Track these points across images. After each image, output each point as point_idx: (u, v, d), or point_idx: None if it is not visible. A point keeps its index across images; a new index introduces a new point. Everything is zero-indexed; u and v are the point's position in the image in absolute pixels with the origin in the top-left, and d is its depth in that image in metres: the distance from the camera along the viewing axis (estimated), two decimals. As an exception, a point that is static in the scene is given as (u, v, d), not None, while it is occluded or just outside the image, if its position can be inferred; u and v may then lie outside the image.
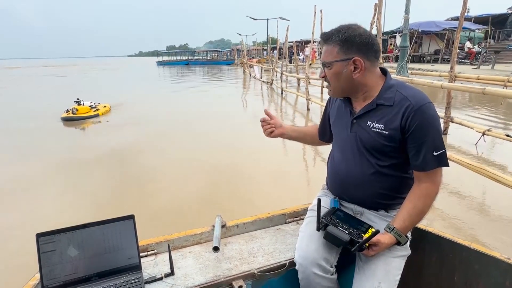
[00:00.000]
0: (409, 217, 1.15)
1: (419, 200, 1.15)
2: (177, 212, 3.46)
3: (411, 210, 1.15)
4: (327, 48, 1.19)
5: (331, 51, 1.18)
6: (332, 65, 1.19)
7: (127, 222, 1.20)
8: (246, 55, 26.55)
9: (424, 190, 1.15)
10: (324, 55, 1.21)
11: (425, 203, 1.15)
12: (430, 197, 1.16)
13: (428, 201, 1.16)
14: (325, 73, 1.23)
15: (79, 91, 13.98)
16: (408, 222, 1.15)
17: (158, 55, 58.89)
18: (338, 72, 1.19)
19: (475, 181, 3.54)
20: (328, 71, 1.21)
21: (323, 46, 1.22)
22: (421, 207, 1.15)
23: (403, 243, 1.10)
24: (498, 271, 1.16)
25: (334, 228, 1.09)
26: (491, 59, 16.14)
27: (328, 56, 1.19)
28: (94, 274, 1.16)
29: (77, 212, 3.48)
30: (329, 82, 1.24)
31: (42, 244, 1.09)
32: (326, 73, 1.23)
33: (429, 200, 1.16)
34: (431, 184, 1.15)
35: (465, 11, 4.65)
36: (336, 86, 1.24)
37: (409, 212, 1.15)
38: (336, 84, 1.23)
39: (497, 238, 2.83)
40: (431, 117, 1.12)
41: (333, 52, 1.17)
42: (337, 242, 1.10)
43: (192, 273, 1.23)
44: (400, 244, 1.13)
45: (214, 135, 6.84)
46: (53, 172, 4.81)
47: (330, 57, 1.18)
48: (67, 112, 8.60)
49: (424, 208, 1.15)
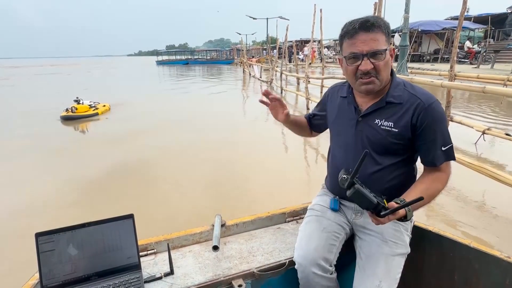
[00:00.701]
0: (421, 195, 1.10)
1: (432, 183, 1.15)
2: (177, 211, 3.46)
3: (424, 191, 1.13)
4: (374, 36, 1.10)
5: (380, 39, 1.10)
6: (385, 53, 1.11)
7: (127, 222, 1.20)
8: (245, 54, 26.52)
9: (436, 177, 1.17)
10: (375, 44, 1.09)
11: (436, 187, 1.15)
12: (441, 183, 1.16)
13: (440, 186, 1.16)
14: (373, 64, 1.11)
15: (82, 89, 13.98)
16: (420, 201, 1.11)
17: (158, 55, 58.87)
18: (388, 60, 1.14)
19: (475, 179, 3.54)
20: (381, 60, 1.11)
21: (366, 34, 1.10)
22: (433, 190, 1.14)
23: (409, 218, 1.06)
24: (498, 270, 1.16)
25: (363, 189, 1.01)
26: (490, 59, 16.13)
27: (380, 44, 1.10)
28: (93, 274, 1.15)
29: (75, 211, 3.48)
30: (378, 73, 1.13)
31: (41, 244, 1.09)
32: (378, 64, 1.11)
33: (441, 186, 1.16)
34: (443, 173, 1.17)
35: (465, 10, 4.64)
36: (384, 77, 1.15)
37: (422, 191, 1.13)
38: (385, 74, 1.15)
39: (497, 236, 2.83)
40: (440, 114, 1.15)
41: (382, 40, 1.11)
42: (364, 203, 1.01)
43: (191, 272, 1.23)
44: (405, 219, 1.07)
45: (213, 134, 6.84)
46: (47, 170, 4.81)
47: (382, 44, 1.10)
48: (66, 111, 8.60)
49: (434, 192, 1.15)
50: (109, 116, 9.10)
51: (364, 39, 1.10)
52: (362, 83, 1.15)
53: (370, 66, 1.11)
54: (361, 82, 1.15)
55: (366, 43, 1.09)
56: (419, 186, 1.16)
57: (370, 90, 1.16)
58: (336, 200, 1.35)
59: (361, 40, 1.10)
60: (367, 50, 1.10)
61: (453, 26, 18.61)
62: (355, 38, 1.11)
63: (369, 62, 1.11)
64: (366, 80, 1.14)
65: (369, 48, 1.09)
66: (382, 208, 1.01)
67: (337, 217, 1.32)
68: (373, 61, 1.11)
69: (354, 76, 1.16)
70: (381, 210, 1.01)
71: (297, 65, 14.93)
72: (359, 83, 1.16)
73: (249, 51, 45.12)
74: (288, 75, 13.50)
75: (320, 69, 11.95)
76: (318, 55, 26.47)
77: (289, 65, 20.72)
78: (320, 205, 1.38)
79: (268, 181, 4.24)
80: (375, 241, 1.22)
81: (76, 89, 15.18)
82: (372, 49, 1.09)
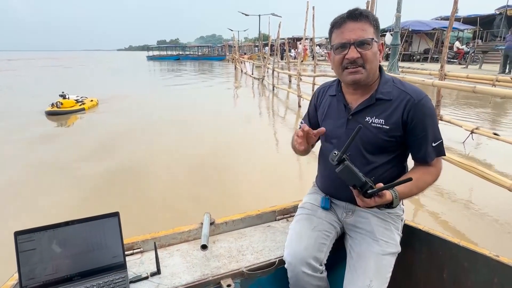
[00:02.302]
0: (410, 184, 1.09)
1: (422, 175, 1.16)
2: (164, 209, 3.41)
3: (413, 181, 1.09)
4: (363, 26, 1.10)
5: (368, 29, 1.11)
6: (373, 43, 1.11)
7: (112, 220, 1.16)
8: (237, 51, 26.39)
9: (427, 169, 1.17)
10: (362, 33, 1.10)
11: (426, 179, 1.16)
12: (432, 176, 1.17)
13: (430, 179, 1.16)
14: (360, 53, 1.11)
15: (68, 84, 13.71)
16: (408, 189, 1.11)
17: (149, 50, 58.09)
18: (376, 52, 1.14)
19: (464, 178, 3.58)
20: (369, 50, 1.11)
21: (354, 23, 1.10)
22: (423, 181, 1.15)
23: (395, 205, 1.05)
24: (486, 268, 1.16)
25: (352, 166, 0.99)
26: (478, 59, 16.41)
27: (367, 34, 1.10)
28: (76, 274, 1.11)
29: (58, 209, 3.40)
30: (365, 63, 1.12)
31: (21, 243, 1.05)
32: (365, 53, 1.11)
33: (431, 178, 1.16)
34: (434, 168, 1.18)
35: (455, 11, 4.68)
36: (371, 68, 1.14)
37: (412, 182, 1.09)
38: (373, 66, 1.14)
39: (485, 235, 2.87)
40: (431, 110, 1.15)
41: (370, 31, 1.11)
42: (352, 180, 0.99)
43: (179, 272, 1.20)
44: (392, 206, 1.06)
45: (202, 131, 6.78)
46: (33, 168, 4.70)
47: (370, 35, 1.11)
48: (52, 106, 8.32)
49: (424, 183, 1.15)
50: (96, 111, 8.93)
51: (351, 28, 1.11)
52: (348, 73, 1.15)
53: (356, 55, 1.11)
54: (347, 72, 1.15)
55: (354, 31, 1.10)
56: (410, 175, 1.16)
57: (356, 80, 1.15)
58: (327, 199, 1.34)
59: (349, 29, 1.11)
60: (354, 38, 1.10)
61: (443, 26, 18.85)
62: (343, 27, 1.12)
63: (356, 50, 1.11)
64: (353, 69, 1.13)
65: (356, 37, 1.10)
66: (370, 188, 0.99)
67: (328, 215, 1.31)
68: (360, 50, 1.11)
69: (340, 66, 1.16)
70: (368, 189, 0.99)
71: (289, 62, 14.93)
72: (346, 73, 1.15)
73: (241, 47, 44.96)
74: (280, 73, 13.49)
75: (312, 66, 11.96)
76: (310, 53, 26.53)
77: (281, 62, 20.70)
78: (311, 204, 1.36)
79: (259, 178, 4.22)
80: (366, 240, 1.21)
81: (61, 84, 14.86)
82: (359, 38, 1.10)
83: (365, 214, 1.26)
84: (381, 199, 1.01)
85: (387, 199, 1.02)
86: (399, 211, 1.30)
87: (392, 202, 1.04)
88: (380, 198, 1.01)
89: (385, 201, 1.02)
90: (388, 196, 1.03)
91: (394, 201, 1.04)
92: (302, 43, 11.44)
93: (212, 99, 11.77)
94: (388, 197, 1.03)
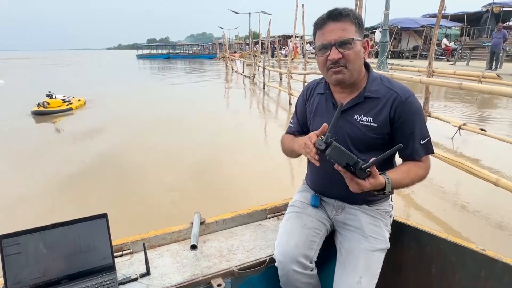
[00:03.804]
0: (401, 173, 1.13)
1: (414, 167, 1.17)
2: (154, 209, 3.38)
3: (405, 171, 1.15)
4: (343, 26, 1.09)
5: (349, 29, 1.10)
6: (355, 43, 1.10)
7: (100, 221, 1.14)
8: (228, 49, 26.30)
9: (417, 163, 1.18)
10: (342, 33, 1.09)
11: (417, 172, 1.16)
12: (422, 171, 1.17)
13: (420, 173, 1.17)
14: (342, 54, 1.10)
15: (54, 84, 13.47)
16: (400, 177, 1.11)
17: (138, 48, 57.48)
18: (359, 51, 1.13)
19: (452, 174, 3.64)
20: (350, 50, 1.10)
21: (334, 23, 1.10)
22: (414, 173, 1.15)
23: (387, 190, 1.05)
24: (474, 262, 1.18)
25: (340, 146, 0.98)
26: (466, 56, 16.68)
27: (348, 33, 1.09)
28: (64, 277, 1.10)
29: (43, 210, 3.35)
30: (348, 62, 1.12)
31: (6, 247, 1.02)
32: (347, 53, 1.10)
33: (421, 172, 1.17)
34: (423, 164, 1.19)
35: (442, 8, 4.74)
36: (354, 68, 1.14)
37: (403, 171, 1.15)
38: (356, 66, 1.14)
39: (472, 229, 2.92)
40: (417, 108, 1.16)
41: (352, 30, 1.10)
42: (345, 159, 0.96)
43: (169, 272, 1.19)
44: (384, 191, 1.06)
45: (192, 129, 6.73)
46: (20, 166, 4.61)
47: (351, 34, 1.10)
48: (38, 105, 8.17)
49: (415, 175, 1.15)
50: (84, 110, 8.81)
51: (332, 29, 1.10)
52: (332, 73, 1.15)
53: (338, 56, 1.11)
54: (331, 72, 1.15)
55: (334, 32, 1.10)
56: (400, 166, 1.18)
57: (340, 80, 1.15)
58: (316, 197, 1.34)
59: (329, 29, 1.11)
60: (335, 39, 1.10)
61: (431, 23, 19.08)
62: (324, 28, 1.12)
63: (337, 51, 1.10)
64: (336, 69, 1.14)
65: (337, 37, 1.10)
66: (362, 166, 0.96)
67: (318, 213, 1.31)
68: (342, 50, 1.11)
69: (325, 67, 1.16)
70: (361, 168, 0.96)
71: (280, 60, 14.93)
72: (330, 73, 1.16)
73: (232, 46, 44.80)
74: (271, 70, 13.50)
75: (302, 64, 11.99)
76: (301, 51, 26.58)
77: (271, 60, 20.68)
78: (301, 202, 1.36)
79: (249, 176, 4.22)
80: (355, 237, 1.22)
81: (47, 84, 14.59)
82: (340, 38, 1.09)
83: (354, 211, 1.27)
84: (375, 180, 1.00)
85: (380, 181, 1.02)
86: (388, 207, 1.31)
87: (385, 186, 1.04)
88: (374, 179, 0.99)
89: (379, 183, 1.01)
90: (381, 179, 1.03)
91: (386, 186, 1.04)
92: (292, 41, 11.46)
93: (202, 97, 11.71)
94: (381, 180, 1.02)
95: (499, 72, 11.08)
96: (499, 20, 19.19)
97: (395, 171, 1.13)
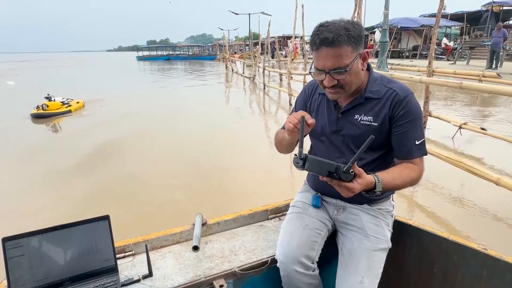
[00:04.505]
0: (393, 174, 1.13)
1: (405, 169, 1.16)
2: (156, 211, 3.38)
3: (397, 172, 1.14)
4: (337, 51, 1.05)
5: (345, 53, 1.05)
6: (350, 68, 1.07)
7: (102, 223, 1.15)
8: (228, 50, 26.32)
9: (410, 166, 1.17)
10: (338, 60, 1.06)
11: (410, 174, 1.15)
12: (415, 173, 1.16)
13: (413, 174, 1.16)
14: (338, 80, 1.09)
15: (52, 87, 13.49)
16: (391, 177, 1.11)
17: (138, 50, 57.53)
18: (356, 70, 1.11)
19: (453, 173, 3.64)
20: (344, 76, 1.08)
21: (327, 49, 1.05)
22: (406, 175, 1.15)
23: (377, 190, 1.05)
24: (476, 262, 1.18)
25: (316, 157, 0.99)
26: (466, 55, 16.67)
27: (343, 60, 1.06)
28: (67, 279, 1.10)
29: (46, 213, 3.35)
30: (344, 85, 1.11)
31: (9, 249, 1.03)
32: (343, 79, 1.09)
33: (414, 175, 1.16)
34: (417, 167, 1.18)
35: (442, 8, 4.74)
36: (351, 87, 1.14)
37: (394, 171, 1.15)
38: (352, 85, 1.13)
39: (474, 229, 2.92)
40: (415, 107, 1.17)
41: (347, 52, 1.06)
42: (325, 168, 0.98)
43: (171, 273, 1.20)
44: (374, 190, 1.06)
45: (193, 130, 6.74)
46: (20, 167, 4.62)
47: (347, 59, 1.06)
48: (37, 108, 8.18)
49: (408, 177, 1.14)
50: (83, 112, 8.83)
51: (325, 55, 1.06)
52: (329, 93, 1.17)
53: (333, 82, 1.10)
54: (328, 91, 1.17)
55: (328, 59, 1.07)
56: (393, 168, 1.18)
57: (337, 98, 1.20)
58: (318, 197, 1.34)
59: (323, 55, 1.07)
60: (329, 67, 1.08)
61: (431, 23, 19.08)
62: (318, 53, 1.09)
63: (332, 78, 1.09)
64: (332, 91, 1.15)
65: (331, 65, 1.07)
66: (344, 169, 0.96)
67: (319, 213, 1.32)
68: (337, 77, 1.09)
69: (322, 85, 1.17)
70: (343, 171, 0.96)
71: (280, 61, 14.94)
72: (327, 91, 1.17)
73: (232, 46, 44.83)
74: (271, 71, 13.50)
75: (302, 65, 11.99)
76: (301, 51, 26.59)
77: (271, 61, 20.69)
78: (302, 202, 1.37)
79: (251, 178, 4.22)
80: (357, 237, 1.22)
81: (47, 86, 14.62)
82: (333, 66, 1.07)
83: (356, 211, 1.27)
84: (362, 179, 1.00)
85: (369, 180, 1.02)
86: (389, 207, 1.31)
87: (375, 186, 1.05)
88: (361, 178, 1.00)
89: (369, 181, 1.02)
90: (370, 178, 1.03)
91: (376, 185, 1.05)
92: (292, 41, 11.46)
93: (203, 98, 11.72)
94: (370, 179, 1.03)
95: (499, 71, 11.09)
96: (499, 19, 19.18)
97: (386, 172, 1.13)
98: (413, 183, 1.17)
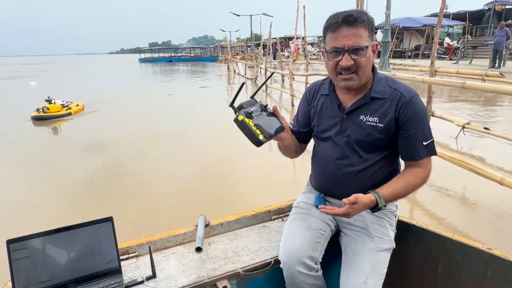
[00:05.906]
0: (394, 186, 1.13)
1: (410, 177, 1.16)
2: (159, 212, 3.39)
3: (400, 183, 1.15)
4: (357, 31, 1.07)
5: (363, 35, 1.08)
6: (367, 49, 1.10)
7: (105, 225, 1.15)
8: (230, 51, 26.36)
9: (416, 172, 1.17)
10: (356, 39, 1.07)
11: (415, 182, 1.16)
12: (421, 179, 1.17)
13: (419, 181, 1.16)
14: (354, 60, 1.09)
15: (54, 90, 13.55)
16: (393, 190, 1.12)
17: (140, 52, 57.78)
18: (369, 58, 1.12)
19: (456, 173, 3.62)
20: (362, 56, 1.09)
21: (348, 29, 1.07)
22: (411, 183, 1.15)
23: (381, 205, 1.08)
24: (480, 262, 1.17)
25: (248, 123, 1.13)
26: (468, 54, 16.61)
27: (362, 40, 1.08)
28: (71, 280, 1.10)
29: (50, 215, 3.36)
30: (358, 69, 1.11)
31: (14, 251, 1.03)
32: (359, 60, 1.09)
33: (420, 181, 1.17)
34: (423, 170, 1.17)
35: (444, 7, 4.73)
36: (364, 74, 1.14)
37: (396, 183, 1.15)
38: (366, 71, 1.14)
39: (478, 229, 2.90)
40: (421, 108, 1.16)
41: (365, 35, 1.08)
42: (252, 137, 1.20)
43: (174, 275, 1.20)
44: (377, 207, 1.09)
45: (196, 132, 6.75)
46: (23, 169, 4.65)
47: (364, 41, 1.08)
48: (38, 111, 8.27)
49: (412, 186, 1.15)
50: (83, 115, 8.88)
51: (346, 34, 1.08)
52: (342, 79, 1.15)
53: (350, 62, 1.10)
54: (341, 77, 1.15)
55: (349, 38, 1.07)
56: (396, 180, 1.17)
57: (349, 86, 1.16)
58: (321, 197, 1.34)
59: (344, 34, 1.08)
60: (349, 45, 1.08)
61: (433, 23, 19.02)
62: (338, 32, 1.09)
63: (350, 57, 1.09)
64: (346, 76, 1.13)
65: (351, 44, 1.08)
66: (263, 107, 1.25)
67: (322, 214, 1.31)
68: (354, 57, 1.09)
69: (334, 71, 1.16)
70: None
71: (282, 62, 14.95)
72: (339, 78, 1.16)
73: (234, 48, 44.89)
74: (273, 72, 13.53)
75: (304, 65, 11.99)
76: (303, 52, 26.59)
77: (273, 62, 20.70)
78: (305, 203, 1.37)
79: (253, 178, 4.22)
80: (361, 237, 1.22)
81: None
82: (354, 45, 1.08)
83: (359, 210, 1.27)
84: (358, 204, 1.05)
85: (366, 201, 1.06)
86: (393, 207, 1.31)
87: (377, 203, 1.08)
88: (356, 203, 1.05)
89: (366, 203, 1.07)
90: (368, 198, 1.07)
91: (378, 202, 1.08)
92: (294, 42, 11.47)
93: (205, 100, 11.73)
94: (368, 199, 1.07)
95: (502, 70, 11.04)
96: (501, 18, 19.09)
97: (387, 185, 1.14)
98: (416, 188, 1.17)
